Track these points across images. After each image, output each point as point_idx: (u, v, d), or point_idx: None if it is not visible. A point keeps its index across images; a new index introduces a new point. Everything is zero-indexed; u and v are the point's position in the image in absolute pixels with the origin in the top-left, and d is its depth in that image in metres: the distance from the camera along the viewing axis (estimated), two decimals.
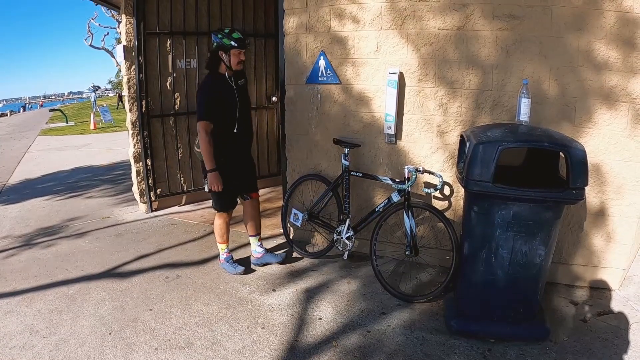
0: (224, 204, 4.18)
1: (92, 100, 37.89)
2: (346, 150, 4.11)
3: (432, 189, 3.88)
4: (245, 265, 4.31)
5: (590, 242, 3.85)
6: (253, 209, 4.33)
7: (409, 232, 3.80)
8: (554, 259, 3.42)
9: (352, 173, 4.15)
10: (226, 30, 3.88)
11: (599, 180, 3.73)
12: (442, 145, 4.08)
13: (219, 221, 4.23)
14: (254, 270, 4.29)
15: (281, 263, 4.37)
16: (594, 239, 3.84)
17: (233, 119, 3.93)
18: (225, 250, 4.30)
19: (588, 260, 3.89)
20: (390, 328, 3.36)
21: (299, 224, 4.50)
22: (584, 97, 3.66)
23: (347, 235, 4.17)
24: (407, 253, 3.82)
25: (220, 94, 3.87)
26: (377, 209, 4.05)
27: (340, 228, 4.23)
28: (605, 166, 3.70)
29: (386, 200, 4.00)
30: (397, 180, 3.91)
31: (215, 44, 3.87)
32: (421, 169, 3.89)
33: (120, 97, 37.31)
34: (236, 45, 3.82)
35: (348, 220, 4.18)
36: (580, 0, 3.56)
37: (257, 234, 4.38)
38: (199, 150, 3.96)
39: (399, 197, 3.89)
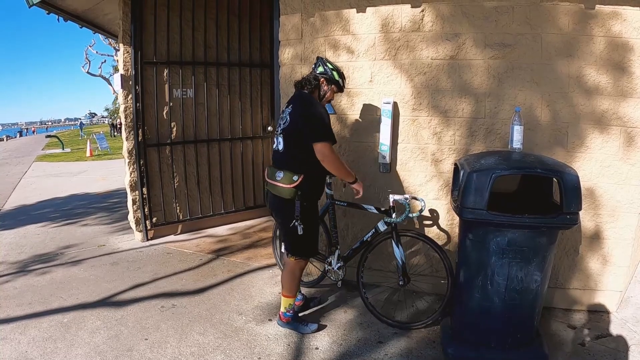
0: (312, 247, 3.65)
1: (80, 128, 38.38)
2: (328, 179, 3.92)
3: (414, 214, 3.79)
4: (313, 319, 3.88)
5: (587, 266, 3.86)
6: None
7: (399, 261, 3.74)
8: (550, 284, 3.42)
9: (336, 202, 4.06)
10: (336, 66, 3.65)
11: (593, 204, 3.76)
12: (437, 173, 4.11)
13: (298, 271, 3.64)
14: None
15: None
16: (590, 262, 3.85)
17: None
18: (293, 305, 3.71)
19: (585, 284, 3.89)
20: (388, 357, 3.34)
21: None
22: (575, 122, 3.72)
23: (338, 265, 4.04)
24: (400, 283, 3.77)
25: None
26: (364, 238, 3.96)
27: (330, 258, 4.09)
28: (599, 190, 3.73)
29: (373, 230, 3.90)
30: (382, 209, 3.83)
31: (321, 68, 3.57)
32: (409, 197, 3.77)
33: (113, 125, 37.56)
34: (341, 85, 3.64)
35: (337, 250, 4.06)
36: (569, 26, 3.64)
37: None
38: (282, 184, 3.40)
39: (386, 227, 3.81)
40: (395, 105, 4.12)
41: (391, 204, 3.74)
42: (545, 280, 3.06)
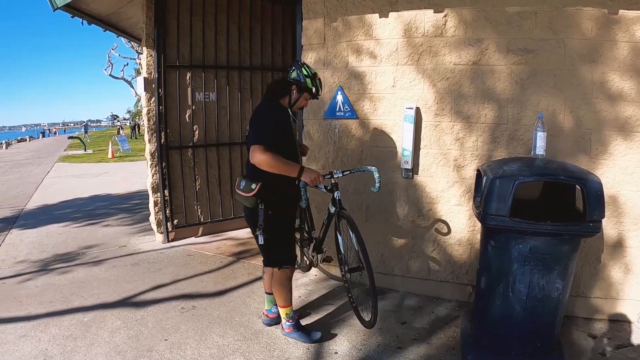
0: (290, 255, 3.55)
1: (84, 132, 39.16)
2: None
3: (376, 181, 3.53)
4: (317, 327, 3.79)
5: (608, 274, 3.81)
6: None
7: (341, 248, 3.61)
8: (571, 292, 3.38)
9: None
10: (312, 72, 3.48)
11: (616, 212, 3.71)
12: (459, 179, 4.09)
13: (285, 281, 3.54)
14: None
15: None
16: (612, 271, 3.80)
17: (294, 157, 3.50)
18: (291, 314, 3.63)
19: (606, 293, 3.84)
20: None
21: None
22: (599, 129, 3.68)
23: (313, 253, 3.98)
24: (341, 274, 3.62)
25: (283, 124, 3.35)
26: (323, 221, 3.86)
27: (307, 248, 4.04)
28: (622, 197, 3.69)
29: (327, 213, 3.78)
30: (328, 188, 3.63)
31: (294, 74, 3.42)
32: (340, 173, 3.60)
33: (137, 126, 38.05)
34: (314, 93, 3.48)
35: (314, 241, 3.97)
36: (593, 32, 3.61)
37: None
38: (243, 193, 3.36)
39: (334, 208, 3.63)
40: (417, 110, 4.12)
41: (333, 181, 3.57)
42: (567, 289, 3.03)
